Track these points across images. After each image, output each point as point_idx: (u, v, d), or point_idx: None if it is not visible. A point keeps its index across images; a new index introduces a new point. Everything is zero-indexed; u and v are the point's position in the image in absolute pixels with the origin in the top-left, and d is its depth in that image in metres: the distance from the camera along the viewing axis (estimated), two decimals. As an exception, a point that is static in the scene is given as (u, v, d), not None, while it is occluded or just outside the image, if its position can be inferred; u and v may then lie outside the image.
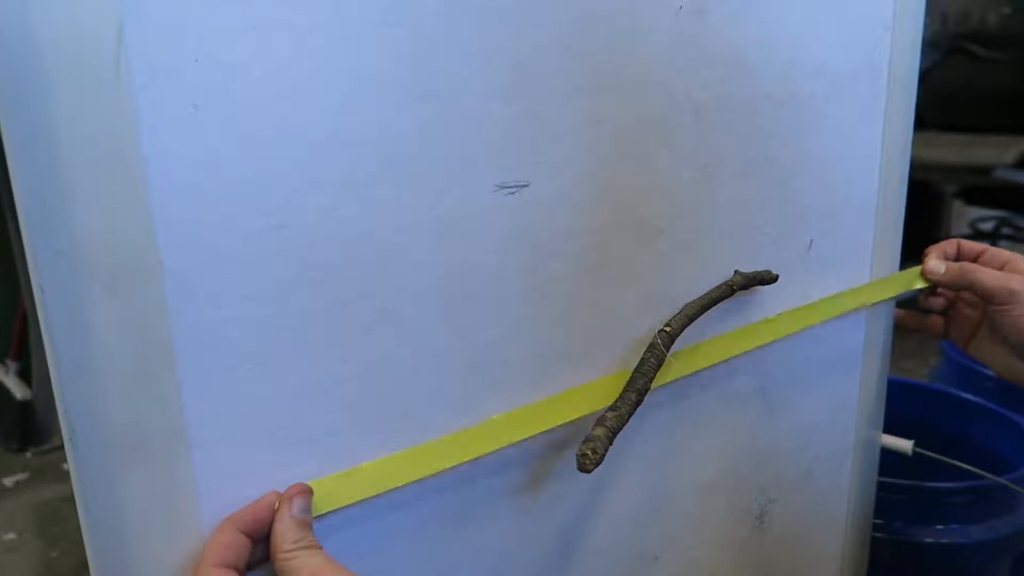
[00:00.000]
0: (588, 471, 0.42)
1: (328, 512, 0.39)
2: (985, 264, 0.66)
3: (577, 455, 0.43)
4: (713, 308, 0.54)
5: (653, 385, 0.48)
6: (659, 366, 0.48)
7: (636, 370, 0.48)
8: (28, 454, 1.88)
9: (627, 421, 0.45)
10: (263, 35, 0.35)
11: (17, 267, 1.79)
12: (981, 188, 2.56)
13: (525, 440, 0.45)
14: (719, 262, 0.56)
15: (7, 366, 1.93)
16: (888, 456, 0.79)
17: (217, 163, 0.35)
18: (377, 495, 0.41)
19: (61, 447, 1.91)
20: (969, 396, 0.98)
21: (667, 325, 0.49)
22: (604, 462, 0.52)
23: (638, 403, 0.46)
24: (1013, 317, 0.62)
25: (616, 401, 0.46)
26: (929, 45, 2.43)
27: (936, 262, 0.67)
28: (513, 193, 0.44)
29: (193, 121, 0.34)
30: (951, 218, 2.73)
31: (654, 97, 0.49)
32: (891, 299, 0.69)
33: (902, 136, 0.66)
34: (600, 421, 0.45)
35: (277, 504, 0.37)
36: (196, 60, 0.34)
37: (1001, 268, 0.64)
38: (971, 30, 2.36)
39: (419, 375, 0.42)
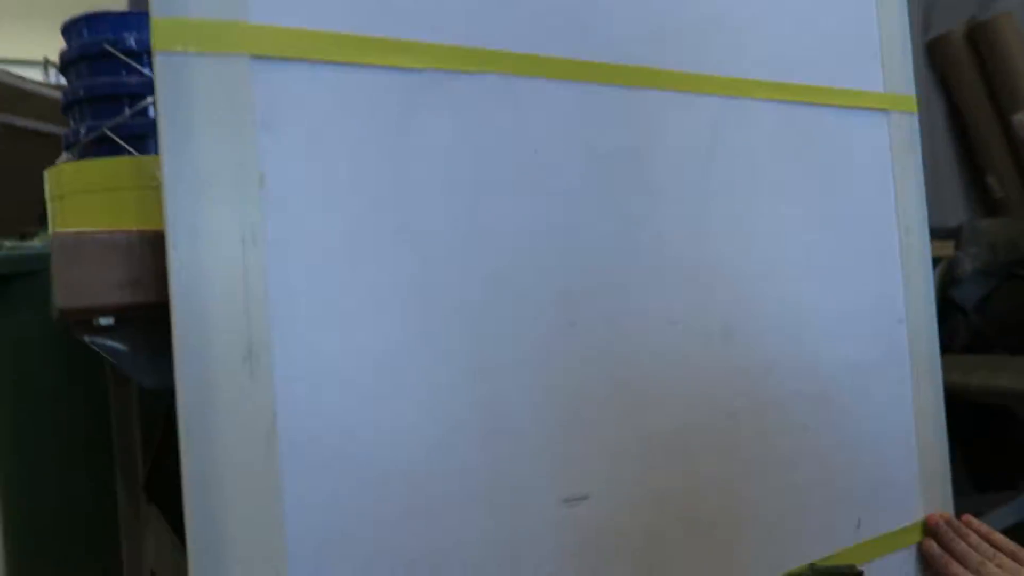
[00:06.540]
0: None
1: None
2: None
3: None
4: None
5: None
6: None
7: None
8: None
9: None
10: (376, 409, 0.45)
11: (120, 530, 1.88)
12: (1063, 409, 2.50)
13: None
14: (776, 549, 0.61)
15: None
16: None
17: (337, 510, 0.44)
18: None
19: None
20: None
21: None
22: None
23: None
24: None
25: None
26: (983, 274, 2.51)
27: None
28: (575, 505, 0.51)
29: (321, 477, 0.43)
30: (1038, 441, 2.64)
31: (694, 407, 0.58)
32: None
33: (934, 411, 0.72)
34: None
35: None
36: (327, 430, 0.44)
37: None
38: (1021, 258, 2.44)
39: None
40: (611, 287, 0.55)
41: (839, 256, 0.67)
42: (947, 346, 0.74)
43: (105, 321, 0.44)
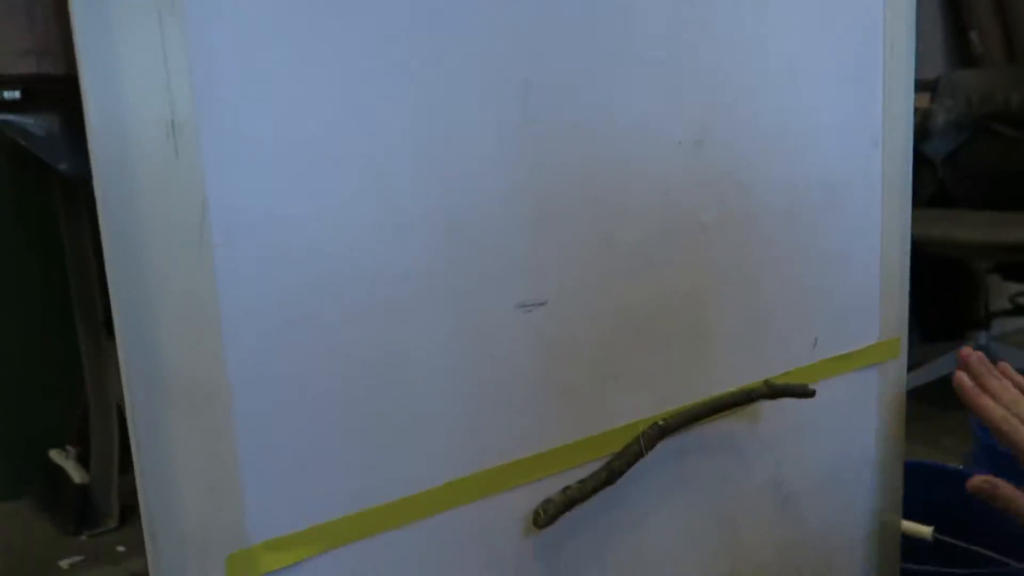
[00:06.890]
0: (538, 527, 0.49)
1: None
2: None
3: (533, 511, 0.49)
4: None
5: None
6: (640, 455, 0.53)
7: (618, 453, 0.53)
8: (83, 537, 1.94)
9: (591, 495, 0.51)
10: (320, 197, 0.42)
11: (83, 366, 1.88)
12: (1017, 264, 2.56)
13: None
14: (732, 364, 0.60)
15: (68, 452, 2.02)
16: (914, 542, 0.80)
17: (279, 307, 0.41)
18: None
19: (115, 529, 1.97)
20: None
21: (663, 420, 0.54)
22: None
23: (608, 482, 0.52)
24: None
25: (588, 476, 0.51)
26: (956, 127, 2.48)
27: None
28: (531, 311, 0.50)
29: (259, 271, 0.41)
30: (989, 293, 2.72)
31: (662, 217, 0.55)
32: (902, 381, 0.72)
33: (900, 237, 0.71)
34: (564, 489, 0.50)
35: None
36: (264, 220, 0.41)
37: None
38: (996, 111, 2.41)
39: (441, 464, 0.48)
40: (577, 84, 0.50)
41: (820, 68, 0.63)
42: (913, 200, 0.72)
43: (10, 95, 0.39)
